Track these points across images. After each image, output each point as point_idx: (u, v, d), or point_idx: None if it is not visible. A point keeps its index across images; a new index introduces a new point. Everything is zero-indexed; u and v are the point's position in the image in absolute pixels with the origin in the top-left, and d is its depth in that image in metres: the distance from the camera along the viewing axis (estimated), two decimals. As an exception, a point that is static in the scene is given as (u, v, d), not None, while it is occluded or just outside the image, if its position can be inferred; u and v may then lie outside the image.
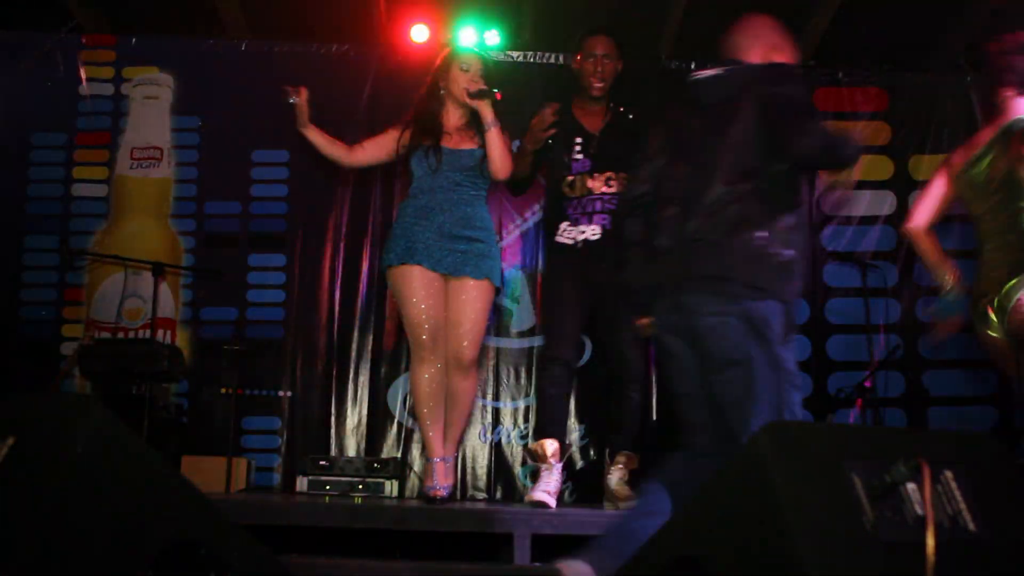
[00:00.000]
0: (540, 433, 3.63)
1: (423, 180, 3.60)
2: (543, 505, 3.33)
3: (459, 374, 3.57)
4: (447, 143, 3.60)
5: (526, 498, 3.58)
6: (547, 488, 3.41)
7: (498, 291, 3.72)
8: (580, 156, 3.66)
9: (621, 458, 3.60)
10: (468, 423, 3.91)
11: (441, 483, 3.49)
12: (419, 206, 3.58)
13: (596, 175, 3.63)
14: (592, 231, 3.60)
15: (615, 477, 3.56)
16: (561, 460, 3.54)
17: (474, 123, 3.61)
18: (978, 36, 4.93)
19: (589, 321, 3.75)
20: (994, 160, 3.06)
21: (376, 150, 3.78)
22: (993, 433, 4.44)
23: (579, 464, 4.50)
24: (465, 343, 3.53)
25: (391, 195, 4.73)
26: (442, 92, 3.66)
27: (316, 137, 3.74)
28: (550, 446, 3.49)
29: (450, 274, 3.54)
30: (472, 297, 3.53)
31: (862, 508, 1.25)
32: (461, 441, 4.02)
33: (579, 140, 3.69)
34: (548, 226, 3.81)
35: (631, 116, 3.73)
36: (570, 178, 3.66)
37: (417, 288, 3.50)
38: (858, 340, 4.66)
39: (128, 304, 4.64)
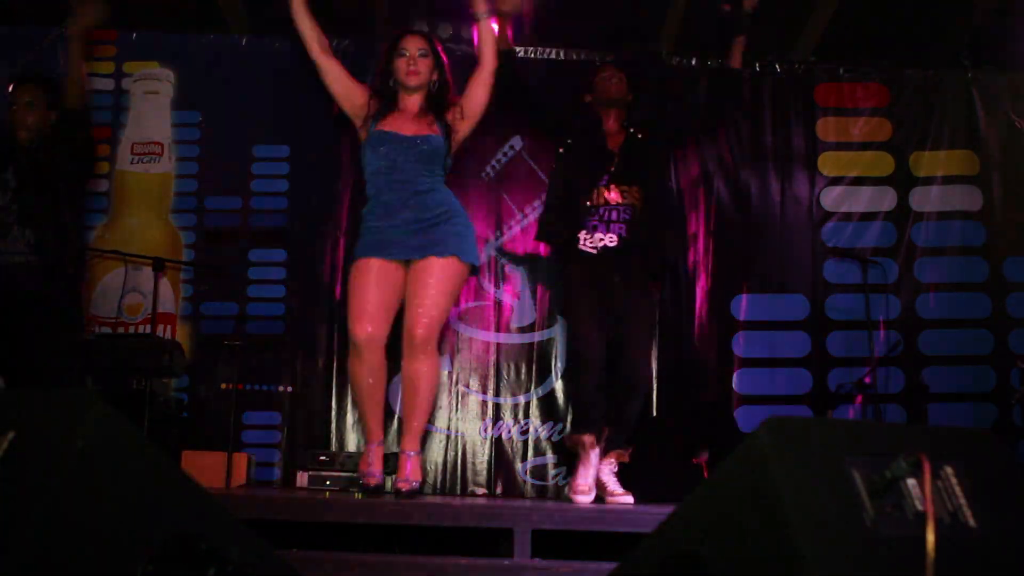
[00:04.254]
0: (574, 429, 3.77)
1: (378, 177, 3.42)
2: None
3: (410, 355, 3.33)
4: (404, 130, 3.43)
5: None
6: (581, 484, 3.55)
7: (474, 268, 3.46)
8: (605, 174, 3.81)
9: (613, 454, 3.72)
10: (431, 414, 3.54)
11: (413, 478, 3.37)
12: (381, 204, 3.41)
13: (613, 187, 3.79)
14: (610, 238, 3.74)
15: (606, 471, 3.69)
16: (597, 447, 3.65)
17: (432, 108, 3.48)
18: (979, 32, 4.94)
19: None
20: None
21: (344, 87, 3.52)
22: (993, 429, 4.46)
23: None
24: (417, 321, 3.29)
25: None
26: (392, 84, 3.51)
27: (301, 8, 3.47)
28: (586, 439, 3.63)
29: (414, 258, 3.36)
30: (434, 276, 3.31)
31: (862, 504, 1.25)
32: (424, 434, 3.59)
33: (603, 155, 3.86)
34: (563, 227, 3.83)
35: (640, 136, 3.91)
36: (593, 190, 3.80)
37: (370, 283, 3.35)
38: (858, 336, 4.66)
39: (128, 299, 4.64)
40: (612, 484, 3.67)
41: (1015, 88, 5.03)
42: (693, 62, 5.00)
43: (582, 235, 3.76)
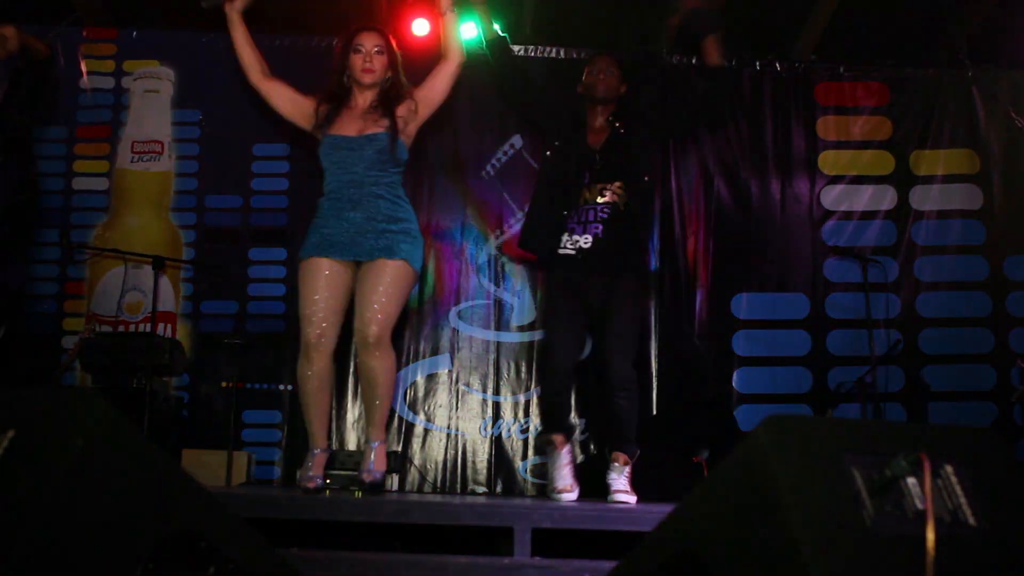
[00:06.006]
0: (543, 430, 3.80)
1: (333, 175, 3.46)
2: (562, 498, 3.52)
3: (365, 353, 3.34)
4: (352, 131, 3.45)
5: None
6: (561, 484, 3.59)
7: (418, 276, 3.52)
8: (586, 172, 3.74)
9: (618, 457, 3.63)
10: (391, 404, 3.54)
11: (377, 468, 3.42)
12: (333, 201, 3.44)
13: (594, 186, 3.72)
14: (585, 240, 3.68)
15: (612, 472, 3.60)
16: (567, 444, 3.68)
17: (382, 106, 3.48)
18: (979, 31, 4.94)
19: (589, 326, 3.79)
20: None
21: (292, 104, 3.57)
22: (993, 428, 4.46)
23: (579, 458, 4.50)
24: (369, 320, 3.29)
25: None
26: (347, 80, 3.53)
27: (239, 31, 3.55)
28: (555, 438, 3.66)
29: (363, 259, 3.38)
30: (384, 277, 3.32)
31: (862, 502, 1.25)
32: (388, 424, 3.58)
33: (584, 156, 3.78)
34: (546, 236, 3.77)
35: (623, 131, 3.81)
36: (575, 194, 3.73)
37: (320, 284, 3.37)
38: (858, 335, 4.66)
39: (128, 298, 4.64)
40: (617, 483, 3.57)
41: (1015, 87, 5.03)
42: (693, 61, 5.00)
43: (564, 238, 3.69)
